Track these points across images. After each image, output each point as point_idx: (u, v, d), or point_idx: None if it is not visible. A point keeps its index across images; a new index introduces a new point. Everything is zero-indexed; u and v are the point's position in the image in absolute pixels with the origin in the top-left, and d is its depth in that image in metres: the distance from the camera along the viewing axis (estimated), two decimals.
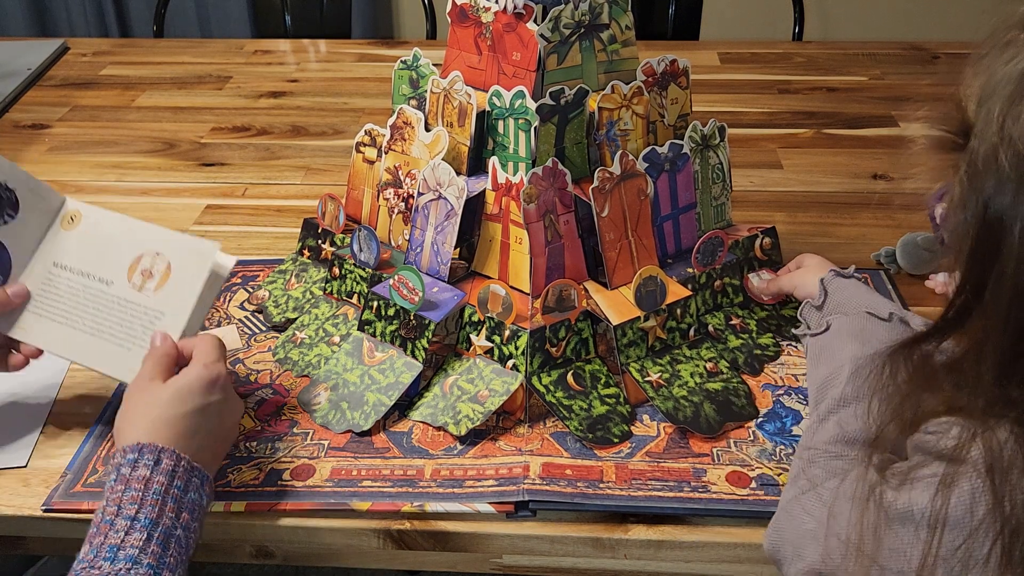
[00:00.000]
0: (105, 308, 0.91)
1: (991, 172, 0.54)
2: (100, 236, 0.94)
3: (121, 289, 0.91)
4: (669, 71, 1.07)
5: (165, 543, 0.72)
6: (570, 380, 0.96)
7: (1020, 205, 0.53)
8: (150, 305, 0.90)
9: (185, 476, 0.77)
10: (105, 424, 0.96)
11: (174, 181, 1.44)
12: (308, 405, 0.97)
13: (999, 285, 0.55)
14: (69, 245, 0.94)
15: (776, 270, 1.13)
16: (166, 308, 0.90)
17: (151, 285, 0.91)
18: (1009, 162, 0.53)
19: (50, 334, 0.92)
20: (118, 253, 0.93)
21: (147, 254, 0.92)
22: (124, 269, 0.92)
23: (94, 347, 0.91)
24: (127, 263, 0.92)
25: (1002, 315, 0.55)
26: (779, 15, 2.33)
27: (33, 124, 1.63)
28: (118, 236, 0.93)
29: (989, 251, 0.56)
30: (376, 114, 1.59)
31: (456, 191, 0.97)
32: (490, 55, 1.01)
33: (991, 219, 0.55)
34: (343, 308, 1.07)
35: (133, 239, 0.93)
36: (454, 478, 0.88)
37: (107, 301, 0.91)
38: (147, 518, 0.73)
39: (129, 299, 0.91)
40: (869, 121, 1.59)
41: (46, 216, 0.96)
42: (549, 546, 0.85)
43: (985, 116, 0.55)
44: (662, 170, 1.04)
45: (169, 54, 1.93)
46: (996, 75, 0.55)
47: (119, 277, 0.92)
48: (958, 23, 2.76)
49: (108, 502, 0.74)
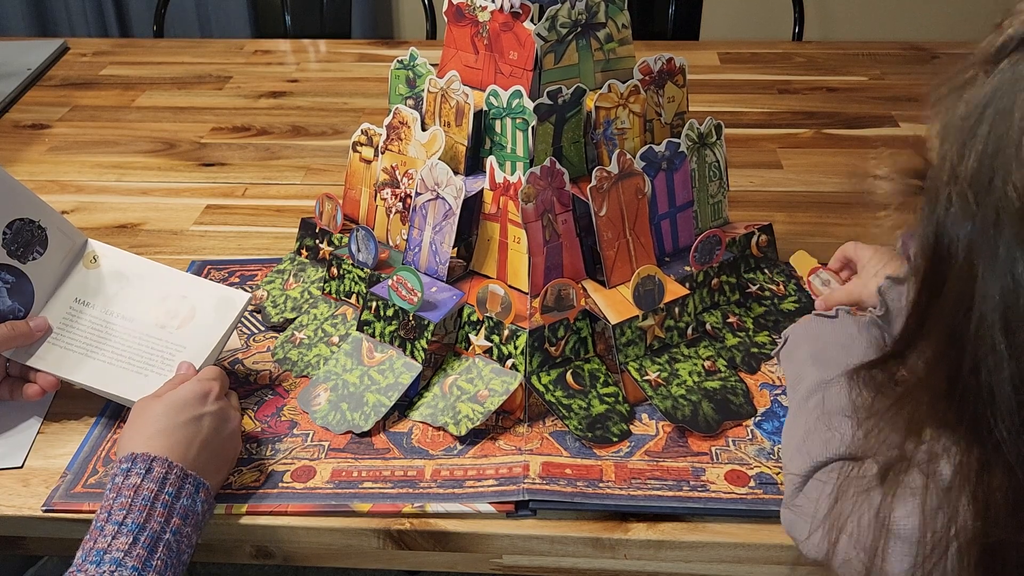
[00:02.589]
0: (125, 341, 0.97)
1: (943, 206, 0.55)
2: (123, 276, 1.00)
3: (143, 326, 0.97)
4: (666, 70, 1.07)
5: (152, 547, 0.74)
6: (569, 379, 0.96)
7: (965, 238, 0.54)
8: (171, 340, 0.96)
9: (177, 483, 0.79)
10: (105, 425, 0.96)
11: (174, 181, 1.44)
12: (308, 406, 0.97)
13: (938, 320, 0.57)
14: (92, 283, 1.00)
15: (776, 269, 1.13)
16: (187, 344, 0.96)
17: (174, 323, 0.97)
18: (958, 198, 0.54)
19: (66, 362, 0.96)
20: (142, 293, 0.99)
21: (172, 296, 0.98)
22: (148, 309, 0.98)
23: (110, 374, 0.95)
24: (151, 303, 0.98)
25: (939, 351, 0.57)
26: (779, 15, 2.33)
27: (33, 124, 1.63)
28: (141, 278, 1.00)
29: (934, 284, 0.57)
30: (376, 114, 1.59)
31: (454, 191, 0.97)
32: (487, 54, 1.01)
33: (939, 252, 0.56)
34: (342, 308, 1.07)
35: (158, 282, 0.99)
36: (454, 478, 0.88)
37: (128, 335, 0.97)
38: (134, 523, 0.75)
39: (150, 334, 0.97)
40: (869, 121, 1.58)
41: (70, 254, 1.00)
42: (549, 546, 0.85)
43: (940, 154, 0.56)
44: (659, 169, 1.04)
45: (169, 54, 1.93)
46: (952, 114, 0.55)
47: (142, 315, 0.98)
48: (958, 23, 2.76)
49: (101, 510, 0.77)
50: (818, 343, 0.89)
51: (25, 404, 0.97)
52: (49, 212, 0.98)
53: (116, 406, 0.98)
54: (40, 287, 0.97)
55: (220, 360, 1.04)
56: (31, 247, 0.96)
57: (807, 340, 0.90)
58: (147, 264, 1.01)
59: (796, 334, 0.92)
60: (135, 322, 0.97)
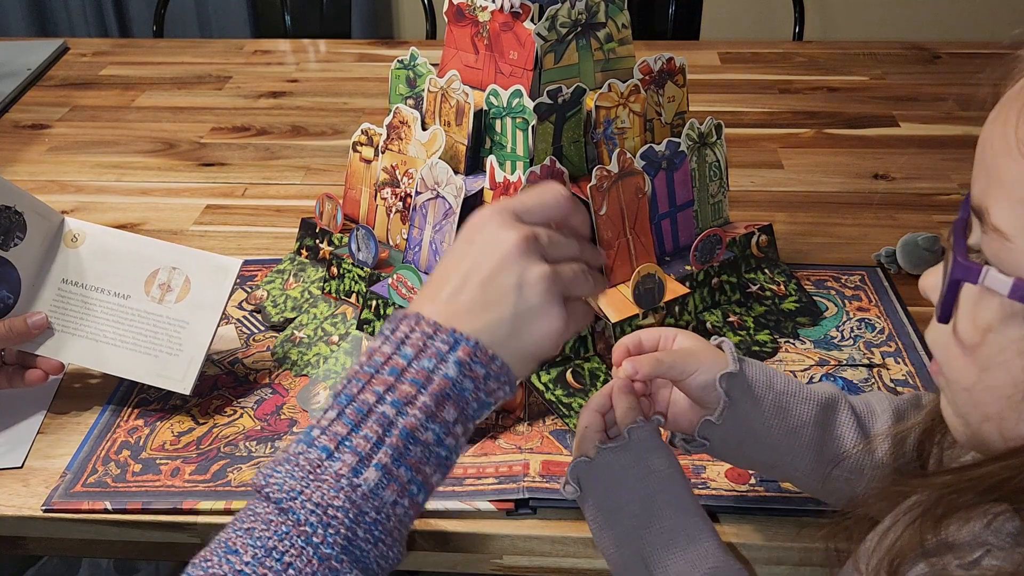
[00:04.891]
0: (126, 320, 0.96)
1: None
2: (109, 253, 0.98)
3: (140, 302, 0.96)
4: (666, 69, 1.07)
5: (358, 421, 0.56)
6: (569, 378, 0.95)
7: None
8: (173, 316, 0.95)
9: (420, 342, 0.58)
10: (105, 424, 0.96)
11: (174, 181, 1.44)
12: (307, 404, 0.97)
13: None
14: (77, 262, 0.98)
15: (777, 269, 1.13)
16: (190, 318, 0.95)
17: (171, 297, 0.96)
18: None
19: (74, 348, 0.95)
20: (131, 268, 0.98)
21: (163, 268, 0.97)
22: (140, 283, 0.97)
23: (121, 357, 0.95)
24: (142, 277, 0.97)
25: None
26: (779, 15, 2.33)
27: (33, 124, 1.63)
28: (128, 252, 0.98)
29: None
30: (376, 114, 1.59)
31: (454, 190, 0.97)
32: (487, 54, 1.01)
33: None
34: (341, 307, 1.07)
35: (145, 255, 0.98)
36: (454, 476, 0.88)
37: (127, 314, 0.96)
38: (347, 393, 0.58)
39: (150, 311, 0.96)
40: (870, 121, 1.58)
41: (48, 235, 0.98)
42: (549, 546, 0.85)
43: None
44: (659, 168, 1.04)
45: (169, 54, 1.93)
46: None
47: (135, 291, 0.97)
48: (959, 23, 2.76)
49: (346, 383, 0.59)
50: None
51: (25, 404, 0.97)
52: (22, 195, 0.96)
53: (116, 405, 0.98)
54: (25, 273, 0.96)
55: (220, 359, 1.04)
56: (11, 234, 0.94)
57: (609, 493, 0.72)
58: (130, 237, 0.99)
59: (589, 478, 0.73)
60: (131, 299, 0.96)
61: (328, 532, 0.53)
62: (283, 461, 0.56)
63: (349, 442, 0.55)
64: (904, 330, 1.06)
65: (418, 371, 0.57)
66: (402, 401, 0.56)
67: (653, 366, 0.74)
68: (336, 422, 0.56)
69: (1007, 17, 0.57)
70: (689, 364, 0.75)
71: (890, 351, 1.03)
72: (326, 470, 0.55)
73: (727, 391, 0.73)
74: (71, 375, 1.02)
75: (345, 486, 0.54)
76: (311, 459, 0.55)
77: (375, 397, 0.57)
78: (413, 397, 0.56)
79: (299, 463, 0.55)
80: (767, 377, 0.76)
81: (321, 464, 0.55)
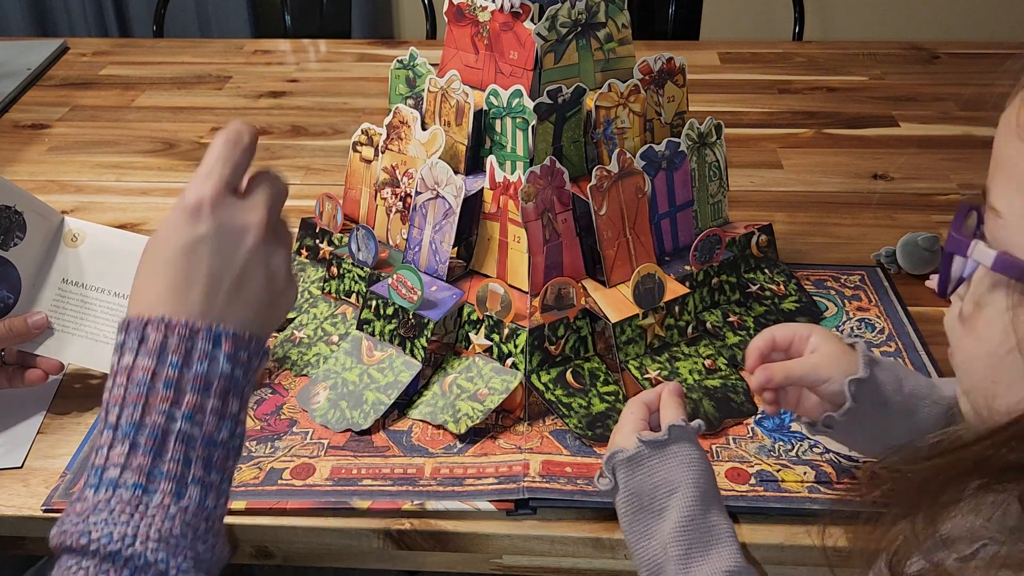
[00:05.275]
0: None
1: None
2: (109, 253, 0.98)
3: None
4: (666, 69, 1.07)
5: (158, 448, 0.56)
6: (569, 378, 0.96)
7: None
8: None
9: (183, 346, 0.57)
10: None
11: (174, 181, 1.44)
12: (307, 404, 0.97)
13: None
14: (77, 262, 0.98)
15: (777, 269, 1.13)
16: None
17: None
18: None
19: (74, 348, 0.95)
20: (131, 268, 0.95)
21: None
22: None
23: None
24: None
25: None
26: (779, 15, 2.33)
27: (33, 124, 1.63)
28: (128, 252, 0.97)
29: None
30: (376, 114, 1.58)
31: (454, 190, 0.97)
32: (487, 54, 1.01)
33: None
34: (341, 307, 1.07)
35: None
36: (454, 476, 0.88)
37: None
38: (128, 422, 0.56)
39: None
40: (869, 121, 1.58)
41: (48, 235, 0.98)
42: (549, 546, 0.85)
43: None
44: (659, 168, 1.04)
45: (169, 54, 1.93)
46: None
47: None
48: (958, 23, 2.76)
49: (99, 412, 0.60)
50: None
51: (25, 404, 0.97)
52: (22, 195, 0.96)
53: None
54: (25, 272, 0.96)
55: None
56: (11, 234, 0.95)
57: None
58: (131, 237, 0.99)
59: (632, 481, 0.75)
60: None
61: (178, 560, 0.55)
62: (91, 512, 0.55)
63: (159, 470, 0.56)
64: (904, 330, 1.06)
65: (194, 377, 0.58)
66: (192, 412, 0.57)
67: (786, 377, 0.78)
68: (133, 455, 0.56)
69: (1007, 17, 0.58)
70: (821, 373, 0.78)
71: (890, 351, 1.03)
72: (149, 505, 0.55)
73: (855, 395, 0.76)
74: (71, 375, 1.02)
75: (175, 513, 0.56)
76: (125, 499, 0.55)
77: (164, 417, 0.57)
78: (200, 404, 0.58)
79: (113, 508, 0.55)
80: (897, 379, 0.78)
81: (140, 501, 0.55)
